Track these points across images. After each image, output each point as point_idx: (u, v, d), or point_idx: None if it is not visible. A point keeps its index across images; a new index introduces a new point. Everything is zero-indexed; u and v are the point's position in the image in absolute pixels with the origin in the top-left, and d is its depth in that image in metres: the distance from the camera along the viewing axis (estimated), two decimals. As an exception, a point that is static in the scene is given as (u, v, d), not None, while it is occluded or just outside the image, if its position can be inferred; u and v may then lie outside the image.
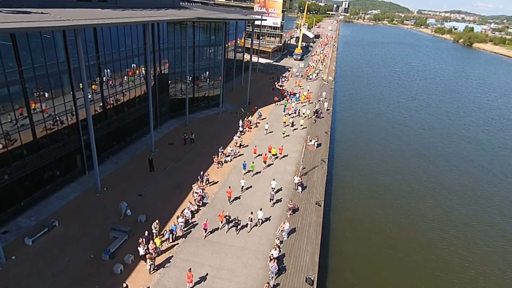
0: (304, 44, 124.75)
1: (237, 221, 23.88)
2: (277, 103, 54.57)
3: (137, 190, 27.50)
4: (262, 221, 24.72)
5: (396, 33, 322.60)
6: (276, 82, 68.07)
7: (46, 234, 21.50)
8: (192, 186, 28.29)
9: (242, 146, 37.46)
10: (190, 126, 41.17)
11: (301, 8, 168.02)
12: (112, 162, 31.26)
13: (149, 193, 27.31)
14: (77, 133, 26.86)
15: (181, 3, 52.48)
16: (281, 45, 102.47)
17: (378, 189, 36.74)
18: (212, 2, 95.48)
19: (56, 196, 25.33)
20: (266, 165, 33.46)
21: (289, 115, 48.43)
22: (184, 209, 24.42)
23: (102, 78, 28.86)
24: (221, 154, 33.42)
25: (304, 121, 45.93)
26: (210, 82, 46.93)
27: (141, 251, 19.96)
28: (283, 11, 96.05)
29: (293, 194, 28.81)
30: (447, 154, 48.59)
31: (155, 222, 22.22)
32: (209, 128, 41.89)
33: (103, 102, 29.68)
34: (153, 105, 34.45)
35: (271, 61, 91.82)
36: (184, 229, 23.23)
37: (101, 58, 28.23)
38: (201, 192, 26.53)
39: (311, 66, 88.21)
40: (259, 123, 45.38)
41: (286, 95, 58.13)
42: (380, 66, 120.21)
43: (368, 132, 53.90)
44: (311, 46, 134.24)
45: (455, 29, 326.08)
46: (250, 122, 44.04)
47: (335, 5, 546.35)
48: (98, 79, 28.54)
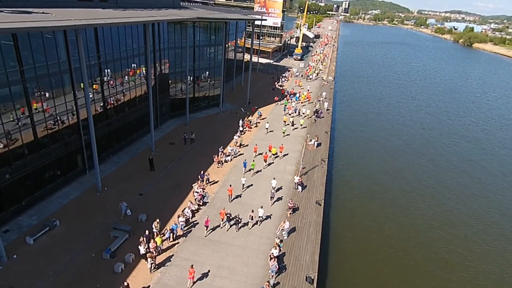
0: (304, 44, 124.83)
1: (238, 218, 23.98)
2: (277, 103, 54.69)
3: (137, 189, 27.60)
4: (263, 219, 24.83)
5: (396, 33, 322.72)
6: (276, 82, 68.15)
7: (47, 233, 21.59)
8: (193, 185, 28.38)
9: (242, 146, 37.57)
10: (190, 125, 41.27)
11: (301, 8, 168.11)
12: (112, 161, 31.36)
13: (149, 193, 27.41)
14: (78, 132, 26.95)
15: (181, 3, 52.58)
16: (281, 45, 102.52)
17: (378, 189, 36.83)
18: (212, 2, 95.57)
19: (57, 195, 25.43)
20: (267, 164, 33.59)
21: (289, 114, 48.56)
22: (185, 208, 24.53)
23: (102, 78, 28.97)
24: (221, 154, 33.53)
25: (304, 121, 46.05)
26: (210, 82, 47.05)
27: (142, 250, 20.04)
28: (283, 11, 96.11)
29: (293, 194, 28.90)
30: (446, 153, 48.69)
31: (156, 221, 22.31)
32: (209, 127, 41.99)
33: (104, 102, 29.77)
34: (153, 105, 34.58)
35: (271, 61, 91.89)
36: (185, 228, 23.31)
37: (102, 58, 28.31)
38: (202, 191, 26.63)
39: (311, 66, 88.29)
40: (259, 122, 45.49)
41: (286, 95, 58.24)
42: (380, 66, 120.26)
43: (368, 132, 53.99)
44: (311, 46, 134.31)
45: (455, 29, 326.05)
46: (250, 122, 44.14)
47: (335, 5, 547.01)
48: (99, 79, 28.64)
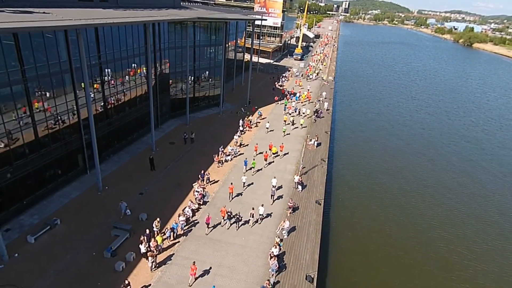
0: (304, 44, 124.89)
1: (238, 216, 24.04)
2: (277, 102, 54.77)
3: (138, 188, 27.69)
4: (263, 217, 24.93)
5: (396, 33, 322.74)
6: (276, 82, 68.22)
7: (48, 232, 21.67)
8: (193, 185, 28.47)
9: (242, 146, 37.65)
10: (190, 125, 41.35)
11: (301, 8, 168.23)
12: (113, 161, 31.45)
13: (150, 192, 27.49)
14: (79, 132, 27.04)
15: (181, 3, 52.64)
16: (281, 45, 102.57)
17: (377, 188, 36.91)
18: (212, 2, 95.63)
19: (58, 194, 25.53)
20: (267, 163, 33.69)
21: (289, 114, 48.65)
22: (185, 208, 24.61)
23: (103, 77, 29.05)
24: (221, 153, 33.61)
25: (304, 120, 46.15)
26: (211, 81, 47.13)
27: (143, 249, 20.11)
28: (283, 11, 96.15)
29: (293, 193, 28.98)
30: (446, 153, 48.76)
31: (156, 220, 22.39)
32: (209, 127, 42.07)
33: (104, 102, 29.87)
34: (154, 105, 34.66)
35: (271, 61, 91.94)
36: (185, 227, 23.40)
37: (102, 58, 28.40)
38: (202, 190, 26.71)
39: (311, 66, 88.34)
40: (259, 122, 45.57)
41: (286, 94, 58.33)
42: (380, 66, 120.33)
43: (368, 132, 54.07)
44: (311, 46, 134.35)
45: (455, 29, 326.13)
46: (251, 122, 44.21)
47: (335, 5, 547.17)
48: (100, 79, 28.72)
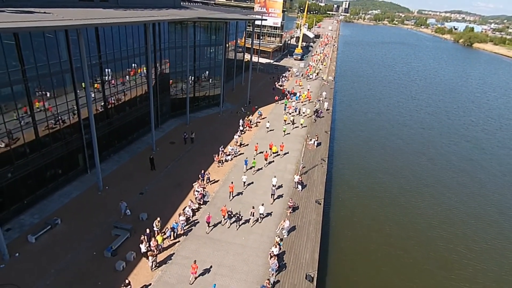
0: (304, 44, 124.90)
1: (238, 216, 24.08)
2: (277, 102, 54.81)
3: (138, 188, 27.74)
4: (263, 216, 24.98)
5: (396, 33, 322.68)
6: (276, 82, 68.26)
7: (48, 232, 21.72)
8: (193, 184, 28.52)
9: (242, 145, 37.69)
10: (190, 125, 41.40)
11: (301, 8, 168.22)
12: (113, 160, 31.50)
13: (150, 192, 27.54)
14: (79, 131, 27.10)
15: (181, 3, 52.70)
16: (281, 45, 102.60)
17: (377, 188, 36.97)
18: (212, 2, 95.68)
19: (58, 194, 25.57)
20: (267, 162, 33.74)
21: (289, 113, 48.70)
22: (185, 207, 24.66)
23: (103, 77, 29.10)
24: (221, 153, 33.65)
25: (305, 120, 46.20)
26: (211, 81, 47.17)
27: (143, 248, 20.15)
28: (283, 11, 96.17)
29: (293, 193, 29.03)
30: (446, 153, 48.81)
31: (157, 220, 22.42)
32: (209, 127, 42.12)
33: (105, 101, 29.92)
34: (154, 104, 34.71)
35: (271, 61, 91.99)
36: (185, 227, 23.45)
37: (103, 58, 28.46)
38: (202, 190, 26.76)
39: (311, 66, 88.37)
40: (259, 122, 45.61)
41: (286, 94, 58.38)
42: (380, 66, 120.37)
43: (368, 132, 54.12)
44: (311, 46, 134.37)
45: (455, 29, 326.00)
46: (251, 122, 44.26)
47: (335, 5, 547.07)
48: (100, 79, 28.78)
